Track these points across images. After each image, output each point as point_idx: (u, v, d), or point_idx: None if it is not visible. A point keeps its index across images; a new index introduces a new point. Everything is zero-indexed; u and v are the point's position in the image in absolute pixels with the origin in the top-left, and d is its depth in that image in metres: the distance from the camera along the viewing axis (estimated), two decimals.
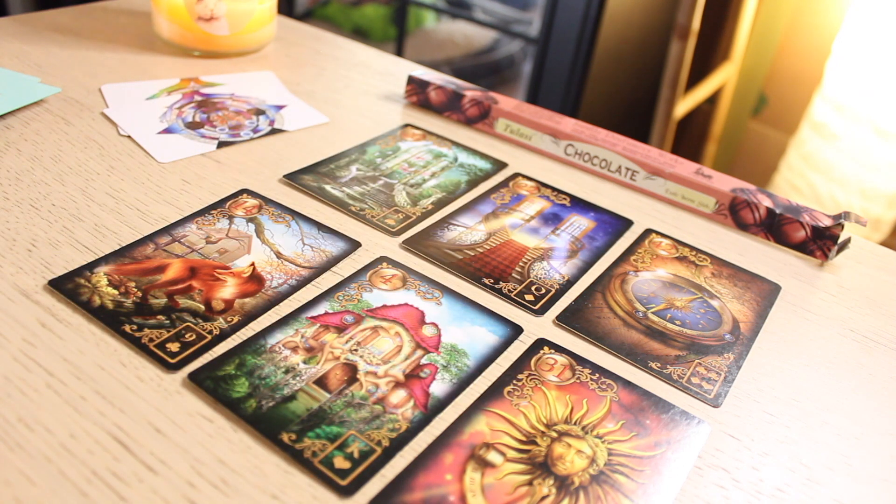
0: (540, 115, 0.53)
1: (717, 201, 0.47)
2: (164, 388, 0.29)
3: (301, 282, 0.36)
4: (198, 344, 0.31)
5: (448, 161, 0.50)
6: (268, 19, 0.63)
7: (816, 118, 1.27)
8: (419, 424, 0.29)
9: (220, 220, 0.40)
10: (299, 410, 0.29)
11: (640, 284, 0.40)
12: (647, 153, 0.50)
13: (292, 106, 0.55)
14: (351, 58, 0.66)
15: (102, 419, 0.28)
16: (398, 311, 0.35)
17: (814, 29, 1.44)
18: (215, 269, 0.36)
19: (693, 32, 1.26)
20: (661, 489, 0.28)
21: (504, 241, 0.42)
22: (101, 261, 0.35)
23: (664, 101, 1.32)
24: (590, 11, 1.18)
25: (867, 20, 1.19)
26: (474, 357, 0.33)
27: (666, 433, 0.31)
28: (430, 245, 0.41)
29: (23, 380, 0.29)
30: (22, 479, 0.25)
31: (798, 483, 0.30)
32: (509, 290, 0.38)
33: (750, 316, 0.39)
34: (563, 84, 1.26)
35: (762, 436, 0.32)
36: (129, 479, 0.25)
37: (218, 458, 0.27)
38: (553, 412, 0.31)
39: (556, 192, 0.48)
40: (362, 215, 0.42)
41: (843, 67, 1.23)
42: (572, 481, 0.28)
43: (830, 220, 0.45)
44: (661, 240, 0.45)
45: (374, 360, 0.32)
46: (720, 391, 0.33)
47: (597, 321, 0.37)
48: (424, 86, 0.57)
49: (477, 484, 0.27)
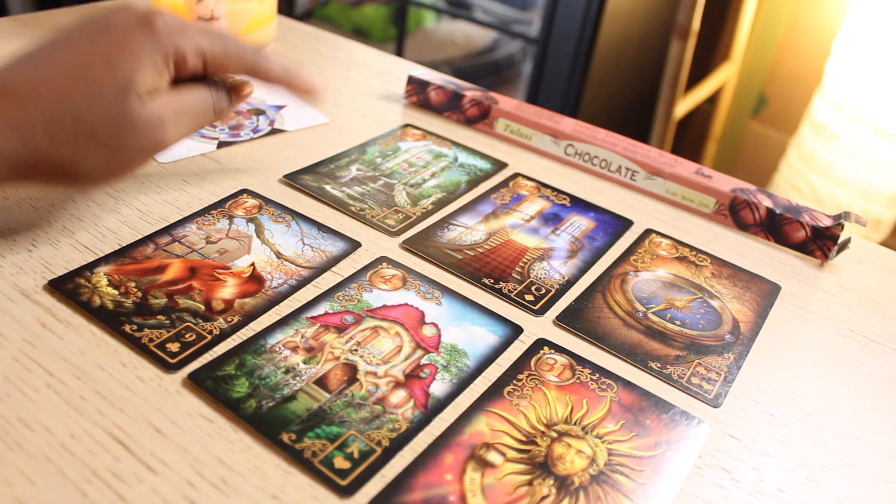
0: (540, 115, 0.53)
1: (717, 201, 0.47)
2: (164, 388, 0.29)
3: (301, 282, 0.36)
4: (198, 344, 0.31)
5: (448, 161, 0.50)
6: (268, 19, 0.63)
7: (816, 118, 1.27)
8: (419, 424, 0.29)
9: (220, 221, 0.40)
10: (299, 410, 0.29)
11: (640, 284, 0.40)
12: (647, 153, 0.50)
13: (292, 106, 0.55)
14: (351, 58, 0.66)
15: (102, 419, 0.28)
16: (398, 311, 0.35)
17: (814, 29, 1.44)
18: (215, 270, 0.36)
19: (693, 32, 1.26)
20: (661, 489, 0.28)
21: (504, 242, 0.42)
22: (101, 261, 0.35)
23: (664, 101, 1.32)
24: (590, 11, 1.18)
25: (867, 20, 1.19)
26: (474, 357, 0.33)
27: (666, 433, 0.31)
28: (430, 245, 0.41)
29: (23, 380, 0.29)
30: (22, 479, 0.25)
31: (798, 483, 0.30)
32: (509, 290, 0.38)
33: (750, 316, 0.39)
34: (563, 84, 1.26)
35: (762, 436, 0.32)
36: (129, 479, 0.26)
37: (218, 458, 0.27)
38: (553, 412, 0.31)
39: (556, 192, 0.48)
40: (362, 215, 0.42)
41: (843, 67, 1.23)
42: (572, 481, 0.28)
43: (830, 220, 0.45)
44: (661, 240, 0.45)
45: (374, 360, 0.32)
46: (720, 391, 0.33)
47: (597, 321, 0.37)
48: (424, 86, 0.57)
49: (477, 484, 0.27)
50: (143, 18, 0.34)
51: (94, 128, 0.33)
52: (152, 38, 0.34)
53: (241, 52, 0.38)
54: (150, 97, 0.34)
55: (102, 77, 0.33)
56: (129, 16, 0.35)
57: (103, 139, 0.33)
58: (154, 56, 0.34)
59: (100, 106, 0.32)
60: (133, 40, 0.34)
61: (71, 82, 0.32)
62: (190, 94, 0.37)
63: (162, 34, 0.34)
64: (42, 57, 0.33)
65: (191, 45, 0.35)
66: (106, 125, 0.33)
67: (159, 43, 0.34)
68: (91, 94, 0.32)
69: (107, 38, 0.34)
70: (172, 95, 0.36)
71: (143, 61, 0.33)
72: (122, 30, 0.34)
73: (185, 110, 0.36)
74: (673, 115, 1.33)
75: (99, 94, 0.32)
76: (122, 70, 0.33)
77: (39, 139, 0.32)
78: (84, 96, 0.32)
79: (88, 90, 0.32)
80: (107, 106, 0.33)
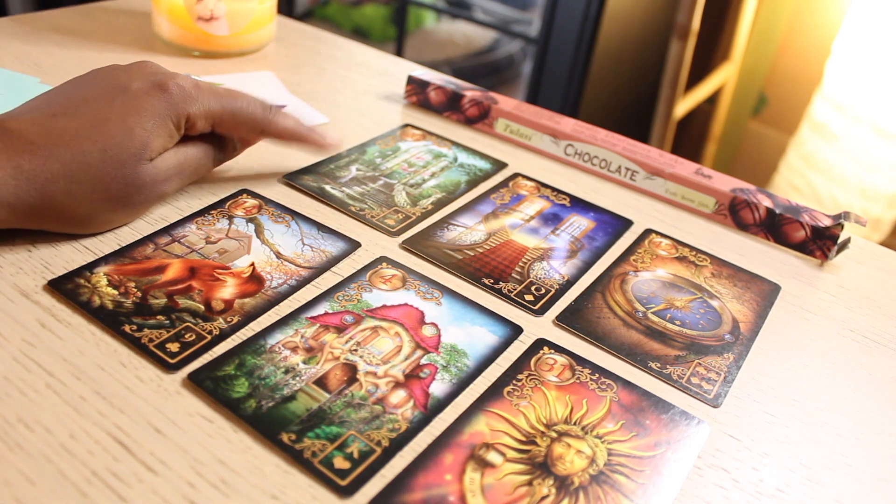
0: (540, 115, 0.53)
1: (717, 201, 0.47)
2: (164, 388, 0.29)
3: (301, 282, 0.36)
4: (198, 344, 0.31)
5: (448, 161, 0.50)
6: (268, 19, 0.63)
7: (816, 118, 1.27)
8: (419, 424, 0.29)
9: (219, 221, 0.40)
10: (299, 410, 0.29)
11: (639, 284, 0.40)
12: (646, 153, 0.50)
13: (292, 106, 0.55)
14: (351, 58, 0.66)
15: (102, 419, 0.28)
16: (398, 311, 0.35)
17: (814, 29, 1.44)
18: (215, 270, 0.36)
19: (693, 32, 1.26)
20: (661, 489, 0.28)
21: (504, 242, 0.42)
22: (101, 261, 0.35)
23: (664, 101, 1.32)
24: (590, 11, 1.18)
25: (867, 20, 1.19)
26: (474, 357, 0.33)
27: (666, 433, 0.31)
28: (429, 245, 0.41)
29: (23, 380, 0.29)
30: (22, 479, 0.25)
31: (798, 483, 0.30)
32: (509, 290, 0.38)
33: (750, 316, 0.39)
34: (563, 84, 1.26)
35: (762, 436, 0.32)
36: (129, 480, 0.26)
37: (218, 458, 0.27)
38: (553, 412, 0.31)
39: (555, 192, 0.48)
40: (362, 215, 0.42)
41: (843, 67, 1.23)
42: (572, 481, 0.28)
43: (830, 220, 0.45)
44: (661, 240, 0.45)
45: (373, 360, 0.32)
46: (720, 391, 0.33)
47: (597, 321, 0.37)
48: (424, 86, 0.57)
49: (477, 484, 0.27)
50: (158, 84, 0.37)
51: (108, 186, 0.35)
52: (167, 103, 0.36)
53: (252, 114, 0.40)
54: (159, 157, 0.37)
55: (118, 139, 0.35)
56: (146, 79, 0.37)
57: (114, 196, 0.35)
58: (167, 121, 0.36)
59: (115, 167, 0.35)
60: (149, 105, 0.36)
61: (90, 141, 0.34)
62: (192, 151, 0.39)
63: (176, 99, 0.37)
64: (62, 112, 0.35)
65: (202, 110, 0.38)
66: (118, 185, 0.35)
67: (172, 108, 0.37)
68: (108, 154, 0.35)
69: (124, 99, 0.36)
70: (176, 152, 0.38)
71: (157, 126, 0.36)
72: (139, 92, 0.36)
73: (186, 165, 0.39)
74: (673, 115, 1.33)
75: (116, 155, 0.35)
76: (138, 135, 0.35)
77: (56, 192, 0.34)
78: (100, 156, 0.34)
79: (105, 151, 0.34)
80: (121, 167, 0.35)
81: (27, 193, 0.33)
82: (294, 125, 0.42)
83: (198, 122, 0.38)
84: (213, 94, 0.38)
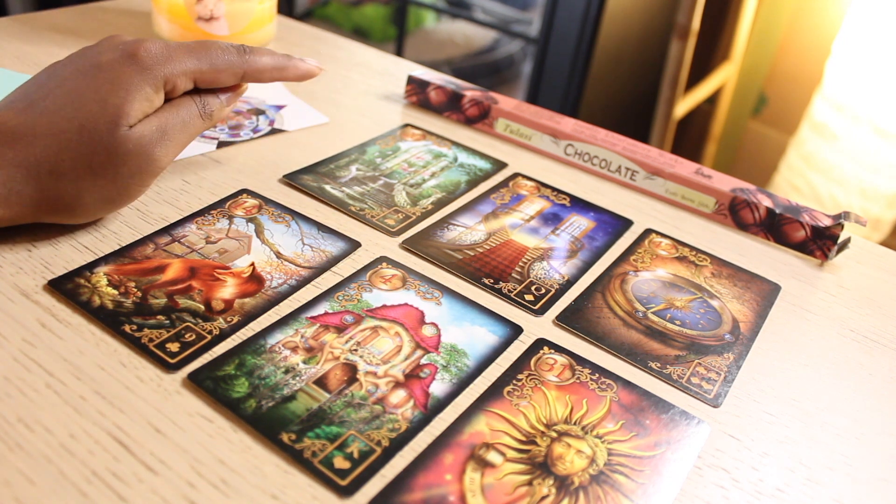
0: (540, 115, 0.53)
1: (717, 201, 0.47)
2: (164, 388, 0.29)
3: (301, 282, 0.36)
4: (198, 344, 0.31)
5: (448, 161, 0.50)
6: (268, 19, 0.63)
7: (816, 118, 1.27)
8: (419, 424, 0.29)
9: (219, 220, 0.40)
10: (299, 410, 0.29)
11: (639, 284, 0.40)
12: (646, 153, 0.50)
13: (292, 106, 0.55)
14: (351, 58, 0.66)
15: (102, 419, 0.28)
16: (398, 311, 0.35)
17: (814, 29, 1.44)
18: (215, 269, 0.36)
19: (693, 32, 1.26)
20: (661, 489, 0.28)
21: (504, 241, 0.42)
22: (101, 261, 0.35)
23: (664, 101, 1.32)
24: (590, 11, 1.18)
25: (867, 20, 1.19)
26: (474, 357, 0.33)
27: (666, 433, 0.31)
28: (429, 245, 0.41)
29: (23, 380, 0.29)
30: (22, 479, 0.25)
31: (798, 483, 0.30)
32: (509, 290, 0.38)
33: (750, 316, 0.39)
34: (563, 84, 1.26)
35: (762, 436, 0.32)
36: (129, 479, 0.26)
37: (218, 458, 0.27)
38: (553, 412, 0.31)
39: (555, 192, 0.48)
40: (362, 215, 0.42)
41: (843, 67, 1.23)
42: (572, 481, 0.28)
43: (830, 220, 0.45)
44: (661, 240, 0.45)
45: (373, 360, 0.32)
46: (720, 391, 0.33)
47: (597, 321, 0.37)
48: (424, 86, 0.57)
49: (477, 484, 0.27)
50: (127, 52, 0.36)
51: (91, 162, 0.34)
52: (139, 70, 0.36)
53: (229, 62, 0.39)
54: (139, 123, 0.36)
55: (93, 112, 0.35)
56: (115, 51, 0.37)
57: (100, 171, 0.35)
58: (143, 87, 0.36)
59: (94, 141, 0.34)
60: (121, 73, 0.35)
61: (67, 120, 0.34)
62: (172, 109, 0.38)
63: (148, 64, 0.36)
64: (40, 98, 0.35)
65: (178, 70, 0.37)
66: (100, 157, 0.35)
67: (146, 72, 0.36)
68: (86, 130, 0.34)
69: (97, 75, 0.36)
70: (157, 115, 0.37)
71: (132, 94, 0.35)
72: (110, 65, 0.36)
73: (169, 126, 0.37)
74: (673, 115, 1.33)
75: (93, 129, 0.34)
76: (111, 102, 0.35)
77: (43, 178, 0.34)
78: (79, 134, 0.34)
79: (83, 127, 0.34)
80: (99, 139, 0.34)
81: (20, 183, 0.33)
82: (272, 60, 0.41)
83: (178, 81, 0.37)
84: (186, 51, 0.38)
